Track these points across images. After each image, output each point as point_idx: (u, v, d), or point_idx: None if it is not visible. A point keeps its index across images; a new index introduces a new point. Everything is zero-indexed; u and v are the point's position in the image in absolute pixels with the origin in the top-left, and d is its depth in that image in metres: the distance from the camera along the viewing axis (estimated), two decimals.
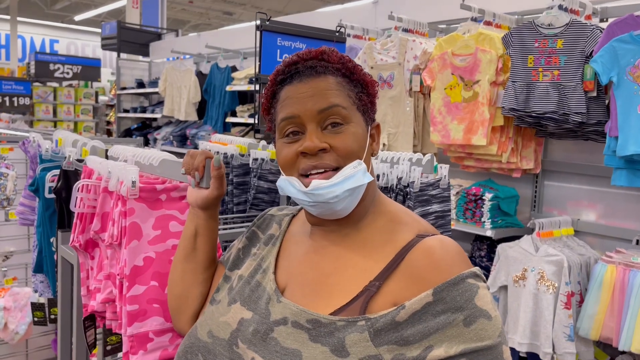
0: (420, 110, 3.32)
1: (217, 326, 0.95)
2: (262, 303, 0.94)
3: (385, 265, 0.88)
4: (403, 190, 1.53)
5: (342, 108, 0.92)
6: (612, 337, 2.43)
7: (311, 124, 0.91)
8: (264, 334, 0.88)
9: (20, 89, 8.01)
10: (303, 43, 1.99)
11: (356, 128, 0.93)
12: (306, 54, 0.96)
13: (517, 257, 2.74)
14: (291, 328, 0.86)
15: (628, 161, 2.40)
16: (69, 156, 1.72)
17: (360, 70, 0.98)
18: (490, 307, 0.81)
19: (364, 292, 0.86)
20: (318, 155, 0.90)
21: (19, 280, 3.26)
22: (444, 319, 0.79)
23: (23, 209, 2.39)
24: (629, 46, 2.33)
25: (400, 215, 0.98)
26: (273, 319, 0.89)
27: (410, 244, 0.89)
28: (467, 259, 0.87)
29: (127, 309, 1.26)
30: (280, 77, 0.96)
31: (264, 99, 1.01)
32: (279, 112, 0.95)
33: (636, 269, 2.40)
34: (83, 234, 1.48)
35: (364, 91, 0.98)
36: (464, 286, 0.81)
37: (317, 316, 0.85)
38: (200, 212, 1.12)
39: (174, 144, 6.16)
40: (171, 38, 7.68)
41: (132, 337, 1.26)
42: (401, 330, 0.80)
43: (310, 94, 0.91)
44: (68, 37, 18.72)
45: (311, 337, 0.84)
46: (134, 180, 1.26)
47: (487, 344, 0.78)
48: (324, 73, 0.93)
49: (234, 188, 2.21)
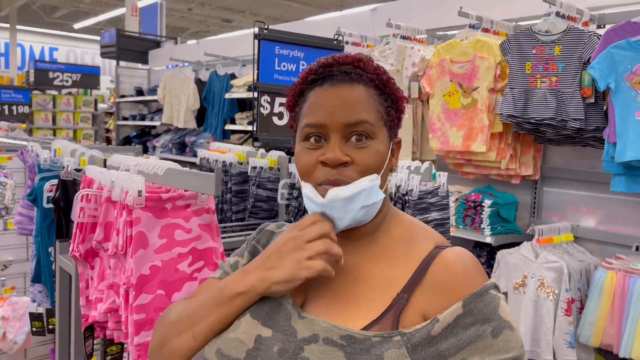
0: (419, 117, 3.33)
1: (226, 344, 0.88)
2: (281, 319, 0.88)
3: (410, 277, 0.87)
4: (402, 198, 1.53)
5: (370, 125, 0.89)
6: (613, 344, 2.42)
7: (336, 135, 0.88)
8: (294, 354, 0.83)
9: (20, 98, 8.02)
10: (301, 52, 2.00)
11: (379, 145, 0.90)
12: (343, 58, 0.93)
13: (516, 263, 2.74)
14: (324, 346, 0.82)
15: (627, 167, 2.40)
16: (67, 166, 1.72)
17: (393, 84, 0.95)
18: (511, 318, 0.82)
19: (393, 305, 0.85)
20: (338, 168, 0.87)
21: (17, 289, 3.25)
22: (474, 331, 0.79)
23: (21, 218, 2.39)
24: (627, 52, 2.34)
25: (414, 226, 0.97)
26: (301, 336, 0.84)
27: (431, 255, 0.88)
28: (483, 270, 0.88)
29: (134, 318, 1.26)
30: (312, 77, 0.93)
31: (291, 95, 0.97)
32: (304, 114, 0.92)
33: (636, 275, 2.40)
34: (83, 244, 1.48)
35: (394, 106, 0.95)
36: (489, 297, 0.82)
37: (351, 332, 0.82)
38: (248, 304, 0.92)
39: (173, 151, 6.16)
40: (170, 46, 7.71)
41: (139, 346, 1.26)
42: (436, 345, 0.80)
43: (340, 104, 0.89)
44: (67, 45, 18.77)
45: (347, 355, 0.80)
46: (141, 189, 1.26)
47: (513, 355, 0.80)
48: (357, 82, 0.91)
49: (232, 196, 2.21)
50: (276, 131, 2.04)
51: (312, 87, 0.93)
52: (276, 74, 1.99)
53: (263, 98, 1.98)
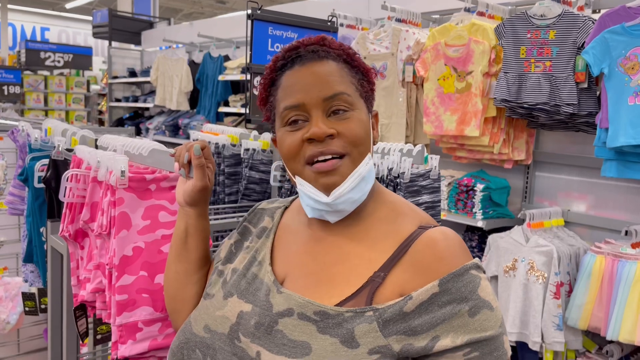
0: (413, 101, 3.32)
1: (213, 320, 0.93)
2: (261, 295, 0.92)
3: (389, 256, 0.88)
4: (393, 181, 1.53)
5: (347, 95, 0.90)
6: (600, 327, 2.45)
7: (316, 111, 0.89)
8: (268, 327, 0.86)
9: (11, 78, 7.93)
10: (295, 32, 1.98)
11: (361, 115, 0.92)
12: (307, 40, 0.94)
13: (507, 247, 2.76)
14: (297, 320, 0.85)
15: (618, 152, 2.41)
16: (58, 146, 1.71)
17: (359, 57, 0.97)
18: (492, 298, 0.83)
19: (369, 282, 0.86)
20: (325, 142, 0.88)
21: (9, 270, 3.24)
22: (450, 310, 0.80)
23: (12, 198, 2.37)
24: (621, 37, 2.33)
25: (400, 205, 0.97)
26: (276, 310, 0.88)
27: (414, 235, 0.89)
28: (467, 250, 0.88)
29: (116, 298, 1.26)
30: (280, 63, 0.94)
31: (261, 88, 0.98)
32: (280, 99, 0.93)
33: (624, 260, 2.42)
34: (72, 224, 1.47)
35: (365, 78, 0.97)
36: (468, 277, 0.82)
37: (324, 307, 0.84)
38: (189, 210, 1.10)
39: (166, 133, 6.13)
40: (163, 27, 7.62)
41: (121, 326, 1.27)
42: (409, 321, 0.80)
43: (314, 81, 0.90)
44: (59, 25, 18.50)
45: (319, 329, 0.83)
46: (123, 169, 1.25)
47: (490, 334, 0.80)
48: (326, 57, 0.92)
49: (225, 178, 2.20)
50: None
51: (283, 72, 0.94)
52: (269, 55, 1.98)
53: (256, 79, 1.97)
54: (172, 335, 1.31)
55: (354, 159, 0.90)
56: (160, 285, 1.29)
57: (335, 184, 0.89)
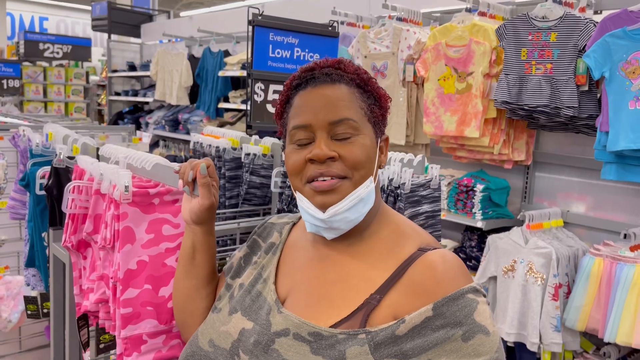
0: (414, 101, 3.31)
1: (218, 335, 0.96)
2: (263, 313, 0.94)
3: (387, 278, 0.89)
4: (394, 191, 1.54)
5: (353, 121, 0.93)
6: (598, 329, 2.47)
7: (321, 133, 0.92)
8: (265, 346, 0.88)
9: (10, 71, 7.88)
10: (296, 38, 1.98)
11: (365, 140, 0.94)
12: (323, 62, 0.98)
13: (506, 248, 2.77)
14: (292, 340, 0.87)
15: (618, 156, 2.42)
16: (60, 154, 1.71)
17: (374, 83, 1.00)
18: (489, 323, 0.82)
19: (364, 304, 0.87)
20: (326, 163, 0.91)
21: (10, 268, 3.26)
22: (443, 334, 0.80)
23: (14, 203, 2.38)
24: (622, 42, 2.33)
25: (403, 227, 0.98)
26: (274, 330, 0.90)
27: (412, 257, 0.90)
28: (467, 273, 0.88)
29: (121, 311, 1.27)
30: (295, 82, 0.98)
31: (279, 104, 1.03)
32: (291, 118, 0.97)
33: (623, 262, 2.44)
34: (75, 235, 1.48)
35: (377, 104, 0.99)
36: (464, 301, 0.82)
37: (319, 329, 0.86)
38: (196, 228, 1.12)
39: (166, 128, 6.12)
40: (163, 20, 7.58)
41: (126, 339, 1.28)
42: (401, 344, 0.81)
43: (323, 104, 0.93)
44: (58, 15, 18.38)
45: (312, 350, 0.85)
46: (127, 185, 1.26)
47: (484, 359, 0.80)
48: (339, 82, 0.95)
49: (226, 182, 2.21)
50: (270, 118, 2.03)
51: (297, 92, 0.98)
52: (270, 61, 1.97)
53: (257, 85, 1.96)
54: (176, 347, 1.33)
55: (354, 182, 0.92)
56: (165, 298, 1.30)
57: (332, 202, 0.91)
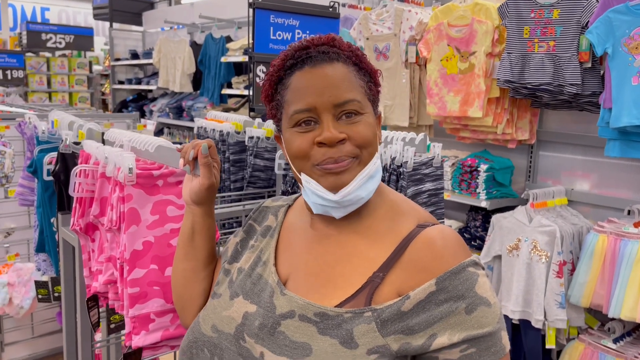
0: (416, 82, 3.31)
1: (220, 320, 0.96)
2: (266, 296, 0.94)
3: (388, 256, 0.89)
4: (396, 170, 1.55)
5: (357, 102, 0.91)
6: (603, 304, 2.49)
7: (327, 115, 0.89)
8: (272, 328, 0.88)
9: (14, 62, 7.90)
10: (296, 20, 1.98)
11: (369, 118, 0.93)
12: (317, 40, 0.94)
13: (511, 227, 2.79)
14: (299, 322, 0.87)
15: (621, 132, 2.41)
16: (66, 139, 1.73)
17: (366, 58, 0.98)
18: (490, 295, 0.84)
19: (368, 283, 0.88)
20: (335, 146, 0.89)
21: (21, 256, 3.31)
22: (447, 308, 0.81)
23: (22, 189, 2.41)
24: (625, 17, 2.31)
25: (400, 204, 0.98)
26: (279, 312, 0.90)
27: (412, 234, 0.90)
28: (466, 247, 0.89)
29: (129, 291, 1.30)
30: (290, 62, 0.93)
31: (267, 85, 0.97)
32: (290, 101, 0.92)
33: (627, 239, 2.45)
34: (83, 218, 1.51)
35: (372, 81, 0.97)
36: (465, 275, 0.83)
37: (324, 309, 0.86)
38: (195, 209, 1.12)
39: (170, 115, 6.14)
40: (164, 7, 7.56)
41: (134, 318, 1.31)
42: (407, 320, 0.82)
43: (325, 85, 0.90)
44: (59, 5, 18.33)
45: (319, 330, 0.85)
46: (131, 167, 1.28)
47: (487, 330, 0.81)
48: (336, 60, 0.92)
49: (230, 165, 2.23)
50: None
51: (292, 72, 0.93)
52: (271, 43, 1.98)
53: (259, 68, 1.97)
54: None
55: (363, 160, 0.92)
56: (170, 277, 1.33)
57: (344, 183, 0.90)
